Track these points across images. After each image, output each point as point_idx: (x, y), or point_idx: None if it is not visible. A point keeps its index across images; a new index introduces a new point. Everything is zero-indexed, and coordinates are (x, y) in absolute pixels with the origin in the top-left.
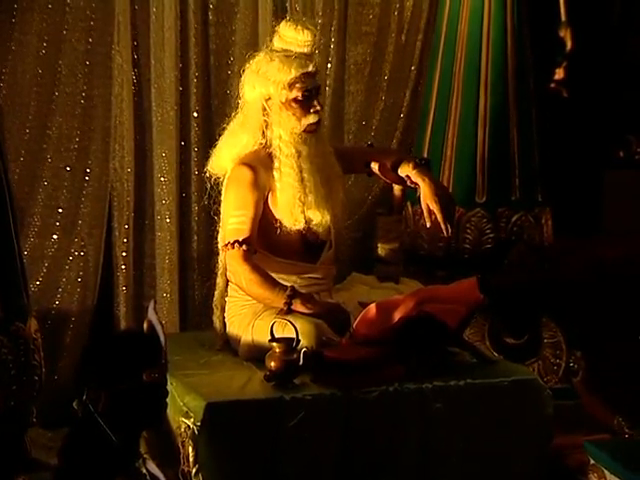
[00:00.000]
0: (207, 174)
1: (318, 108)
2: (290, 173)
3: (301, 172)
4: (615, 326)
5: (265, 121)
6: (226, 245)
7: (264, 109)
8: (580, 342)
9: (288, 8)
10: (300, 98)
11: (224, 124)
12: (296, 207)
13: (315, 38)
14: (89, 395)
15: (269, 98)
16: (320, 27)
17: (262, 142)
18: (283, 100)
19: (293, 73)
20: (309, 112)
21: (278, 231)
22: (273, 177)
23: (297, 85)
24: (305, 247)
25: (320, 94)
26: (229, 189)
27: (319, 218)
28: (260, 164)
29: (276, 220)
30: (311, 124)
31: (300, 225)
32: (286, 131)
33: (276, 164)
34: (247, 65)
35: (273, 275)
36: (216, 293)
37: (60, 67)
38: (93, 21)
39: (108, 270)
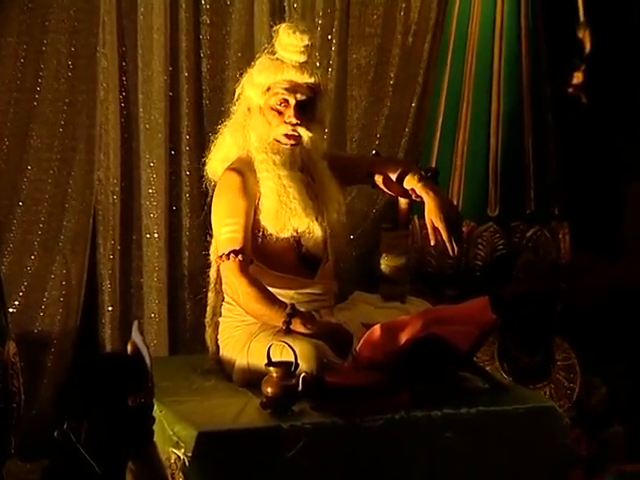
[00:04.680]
0: (202, 179)
1: (292, 120)
2: (268, 177)
3: (280, 178)
4: (635, 349)
5: (246, 124)
6: (220, 257)
7: (247, 112)
8: (598, 367)
9: (286, 8)
10: (276, 106)
11: (219, 129)
12: (281, 213)
13: (308, 45)
14: (70, 423)
15: (251, 101)
16: (321, 28)
17: (244, 146)
18: (262, 105)
19: (271, 78)
20: (284, 122)
21: (270, 241)
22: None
23: (275, 91)
24: (300, 260)
25: (309, 107)
26: (218, 197)
27: (305, 227)
28: (249, 169)
29: (265, 228)
30: (284, 135)
31: (287, 233)
32: (258, 137)
33: (256, 170)
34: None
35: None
36: (208, 309)
37: (41, 71)
38: (77, 22)
39: (92, 289)
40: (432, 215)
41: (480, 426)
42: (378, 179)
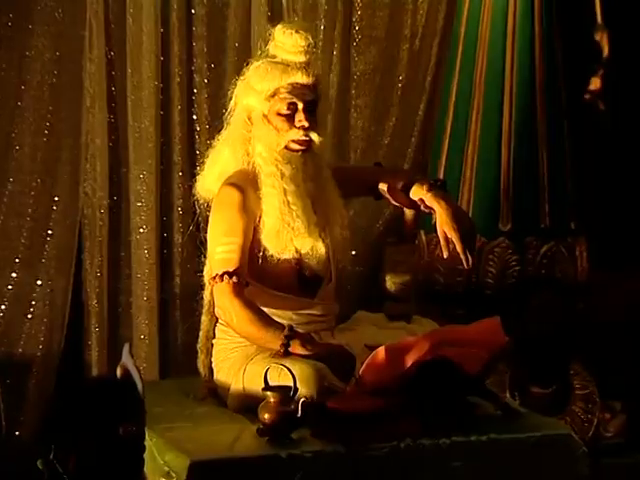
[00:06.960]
0: (194, 197)
1: (304, 124)
2: (273, 193)
3: (285, 194)
4: None
5: (247, 135)
6: (214, 278)
7: (247, 122)
8: (619, 392)
9: (285, 9)
10: (284, 112)
11: (212, 140)
12: (282, 233)
13: (310, 43)
14: (56, 453)
15: (252, 109)
16: (322, 31)
17: (245, 159)
18: (266, 112)
19: (276, 82)
20: (293, 127)
21: (270, 262)
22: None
23: (281, 96)
24: (301, 280)
25: (313, 110)
26: (215, 214)
27: (308, 248)
28: (249, 185)
29: (266, 248)
30: (295, 141)
31: (288, 254)
32: (266, 147)
33: (259, 184)
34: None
35: (265, 310)
36: (201, 334)
37: (24, 77)
38: (62, 24)
39: (78, 309)
40: (445, 225)
41: (491, 454)
42: (383, 190)
